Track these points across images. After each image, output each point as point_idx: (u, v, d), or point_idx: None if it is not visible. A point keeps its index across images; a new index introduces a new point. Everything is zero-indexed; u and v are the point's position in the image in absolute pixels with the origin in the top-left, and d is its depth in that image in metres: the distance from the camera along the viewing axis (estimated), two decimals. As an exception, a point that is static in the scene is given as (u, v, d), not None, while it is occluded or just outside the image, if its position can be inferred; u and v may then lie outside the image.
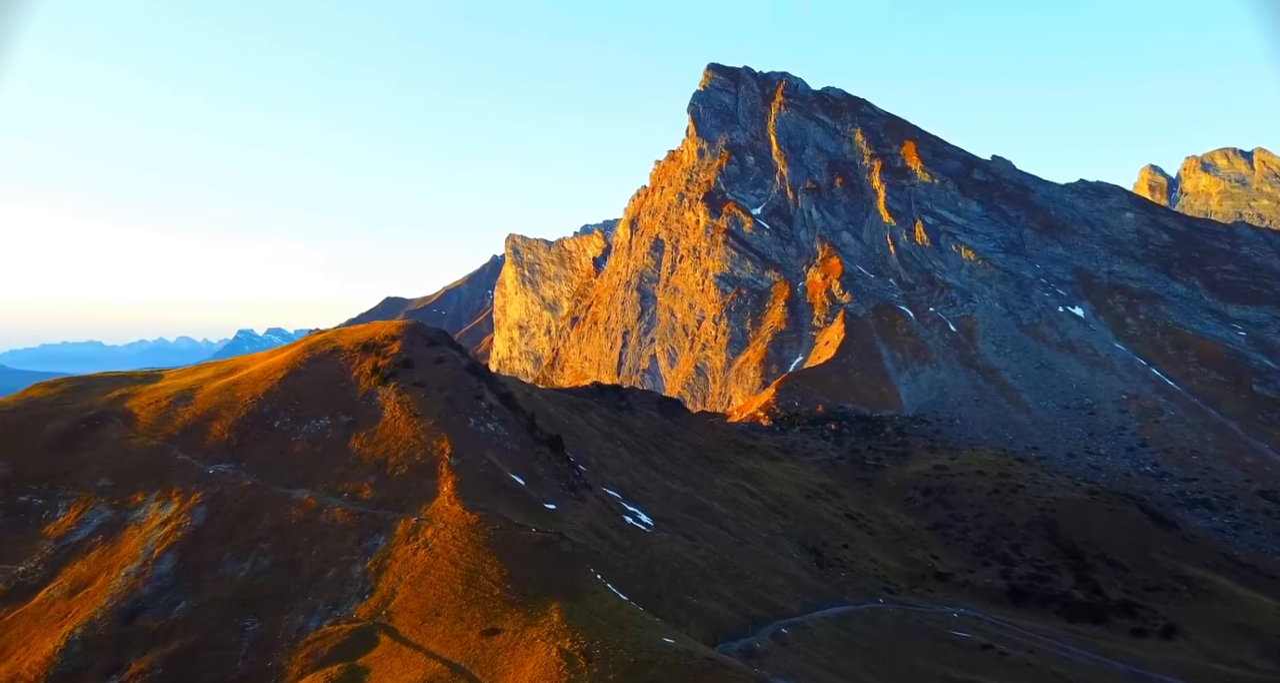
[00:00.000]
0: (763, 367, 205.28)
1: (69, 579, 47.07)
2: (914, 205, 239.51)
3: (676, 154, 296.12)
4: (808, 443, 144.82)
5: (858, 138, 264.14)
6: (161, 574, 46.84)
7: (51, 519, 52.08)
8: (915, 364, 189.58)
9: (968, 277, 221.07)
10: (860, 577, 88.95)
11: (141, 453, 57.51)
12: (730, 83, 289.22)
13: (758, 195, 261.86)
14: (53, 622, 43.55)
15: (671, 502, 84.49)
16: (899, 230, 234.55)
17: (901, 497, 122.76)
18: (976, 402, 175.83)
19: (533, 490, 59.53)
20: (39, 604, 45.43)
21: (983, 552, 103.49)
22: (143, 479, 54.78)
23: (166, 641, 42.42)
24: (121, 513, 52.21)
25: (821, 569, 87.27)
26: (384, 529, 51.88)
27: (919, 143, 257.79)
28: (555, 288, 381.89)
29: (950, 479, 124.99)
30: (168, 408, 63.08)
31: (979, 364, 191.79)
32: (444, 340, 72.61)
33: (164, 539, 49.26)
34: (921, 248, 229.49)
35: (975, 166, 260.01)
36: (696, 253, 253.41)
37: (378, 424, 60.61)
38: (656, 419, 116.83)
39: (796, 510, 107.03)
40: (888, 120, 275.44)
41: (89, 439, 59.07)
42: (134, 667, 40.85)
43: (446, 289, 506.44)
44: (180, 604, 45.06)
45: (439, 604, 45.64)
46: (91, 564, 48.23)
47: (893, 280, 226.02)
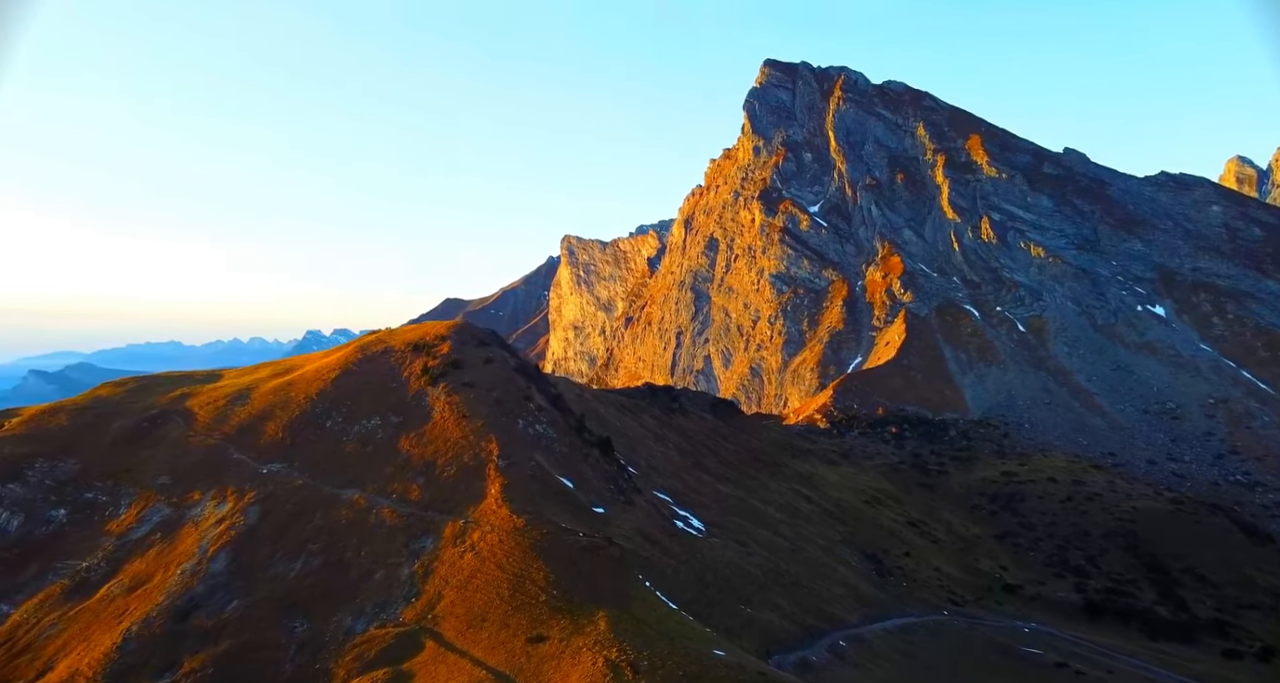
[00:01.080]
0: (820, 368, 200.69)
1: (129, 576, 48.03)
2: (980, 201, 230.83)
3: (732, 152, 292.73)
4: (867, 447, 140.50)
5: (920, 132, 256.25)
6: (215, 573, 47.35)
7: (114, 516, 53.42)
8: (981, 366, 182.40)
9: (1038, 275, 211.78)
10: (923, 587, 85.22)
11: (199, 452, 58.65)
12: (787, 79, 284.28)
13: (815, 193, 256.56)
14: (111, 619, 44.37)
15: (724, 506, 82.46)
16: (964, 227, 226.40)
17: (967, 504, 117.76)
18: (1048, 405, 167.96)
19: (581, 494, 58.48)
20: (100, 601, 46.44)
21: (1055, 563, 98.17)
22: (200, 478, 55.77)
23: (218, 640, 42.71)
24: (180, 511, 53.19)
25: (881, 579, 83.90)
26: (432, 531, 51.51)
27: (985, 136, 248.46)
28: (610, 288, 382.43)
29: (1020, 486, 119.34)
30: (225, 407, 64.33)
31: (1050, 366, 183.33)
32: (493, 341, 72.27)
33: (218, 538, 49.87)
34: (988, 245, 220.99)
35: (1046, 160, 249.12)
36: (752, 252, 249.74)
37: (427, 425, 60.45)
38: (709, 421, 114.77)
39: (855, 517, 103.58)
40: (952, 113, 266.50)
41: (151, 438, 60.60)
42: (186, 665, 41.21)
43: (504, 290, 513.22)
44: (232, 603, 45.40)
45: (485, 610, 44.89)
46: (150, 562, 49.13)
47: (957, 279, 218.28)
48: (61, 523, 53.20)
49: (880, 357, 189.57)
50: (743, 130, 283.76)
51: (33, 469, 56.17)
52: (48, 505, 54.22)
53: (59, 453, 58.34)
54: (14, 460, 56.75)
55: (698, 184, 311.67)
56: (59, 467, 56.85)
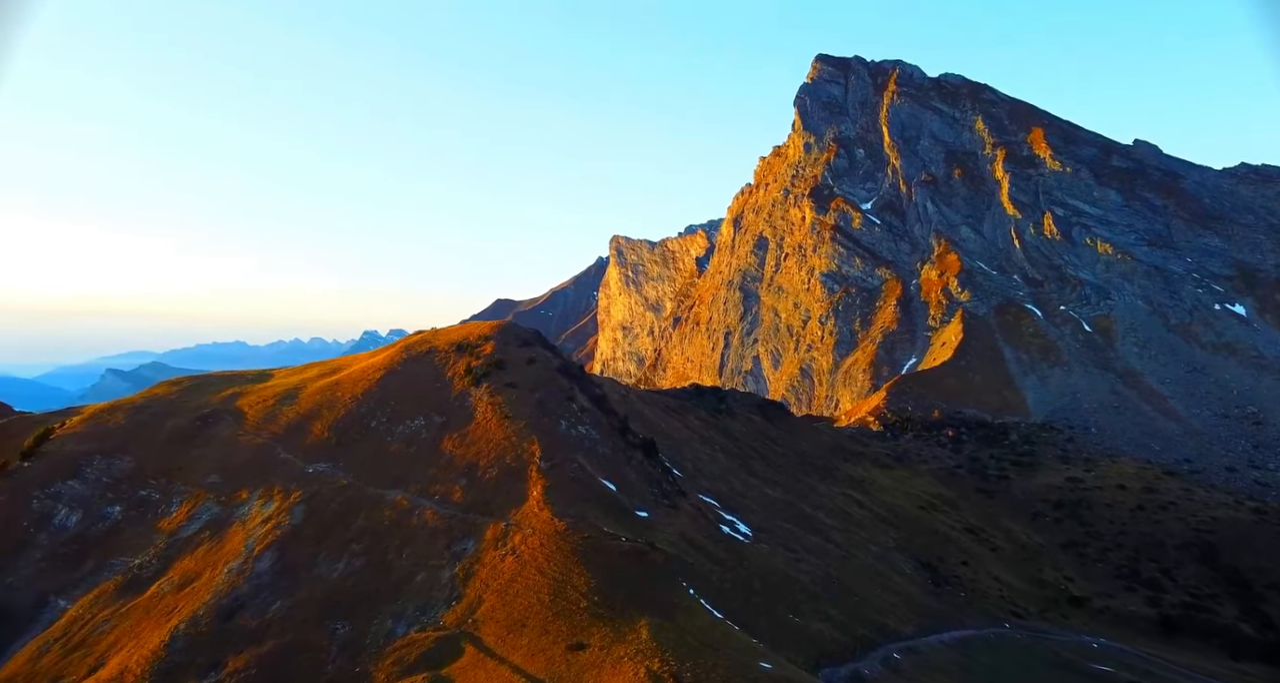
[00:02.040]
0: (872, 369, 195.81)
1: (178, 574, 48.71)
2: (1042, 196, 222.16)
3: (782, 149, 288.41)
4: (922, 450, 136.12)
5: (979, 126, 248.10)
6: (260, 572, 47.63)
7: (166, 514, 54.40)
8: (1044, 367, 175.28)
9: (1105, 272, 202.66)
10: (982, 597, 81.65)
11: (248, 451, 59.41)
12: (839, 73, 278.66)
13: (868, 190, 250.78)
14: (160, 617, 44.96)
15: (772, 511, 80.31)
16: (1025, 223, 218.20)
17: (1028, 511, 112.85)
18: (1116, 408, 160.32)
19: (624, 497, 57.30)
20: (150, 598, 47.17)
21: (1126, 575, 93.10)
22: (248, 477, 56.44)
23: (261, 640, 42.83)
24: (228, 510, 53.86)
25: (938, 588, 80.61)
26: (473, 534, 50.99)
27: (1048, 129, 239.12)
28: (658, 288, 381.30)
29: (1086, 493, 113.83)
30: (274, 407, 65.15)
31: (1118, 367, 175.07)
32: (536, 341, 71.68)
33: (264, 537, 50.24)
34: (1051, 241, 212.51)
35: (1114, 153, 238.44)
36: (802, 250, 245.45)
37: (470, 425, 60.09)
38: (757, 423, 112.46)
39: (909, 523, 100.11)
40: (1012, 106, 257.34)
41: (202, 436, 61.69)
42: (231, 665, 41.39)
43: (554, 291, 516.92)
44: (276, 604, 45.54)
45: (525, 615, 44.10)
46: (199, 560, 49.77)
47: (1017, 277, 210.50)
48: (117, 520, 54.46)
49: (936, 357, 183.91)
50: (793, 127, 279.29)
51: (91, 466, 57.75)
52: (104, 502, 55.61)
53: (116, 451, 59.87)
54: (73, 458, 58.45)
55: (747, 182, 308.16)
56: (115, 464, 58.32)
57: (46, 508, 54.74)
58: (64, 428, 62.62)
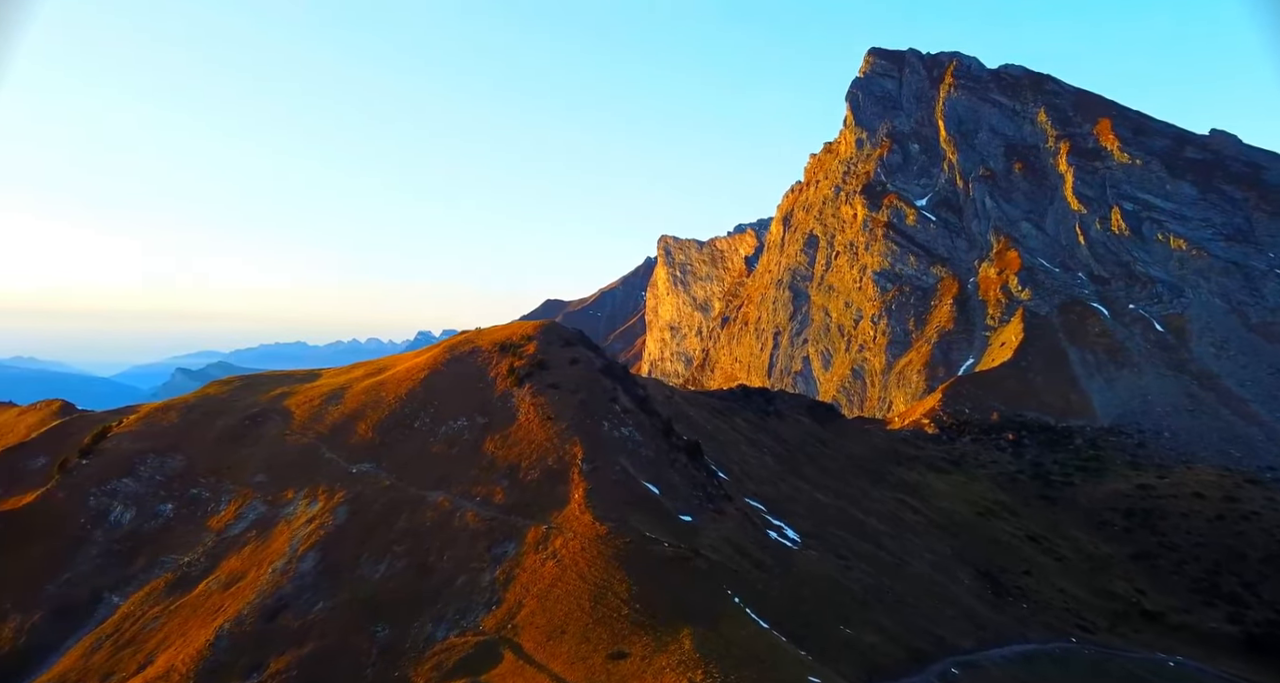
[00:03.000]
0: (927, 370, 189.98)
1: (225, 573, 49.24)
2: (1109, 190, 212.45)
3: (833, 145, 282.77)
4: (980, 454, 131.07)
5: (1041, 118, 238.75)
6: (304, 573, 47.77)
7: (215, 512, 55.21)
8: (1111, 368, 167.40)
9: (1178, 269, 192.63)
10: (1046, 610, 77.63)
11: (295, 450, 59.99)
12: (893, 67, 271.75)
13: (923, 186, 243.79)
14: (207, 615, 45.41)
15: (822, 516, 77.87)
16: (1090, 218, 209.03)
17: (1095, 519, 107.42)
18: (1191, 412, 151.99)
19: (667, 500, 55.95)
20: (198, 596, 47.76)
21: (1204, 589, 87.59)
22: (294, 476, 56.92)
23: (303, 642, 42.83)
24: (274, 509, 54.35)
25: (998, 599, 76.95)
26: (514, 537, 50.33)
27: (1116, 120, 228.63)
28: (707, 288, 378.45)
29: (1158, 502, 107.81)
30: (320, 407, 65.76)
31: (1193, 369, 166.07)
32: (579, 341, 70.85)
33: (308, 537, 50.44)
34: (1119, 237, 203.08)
35: (1188, 144, 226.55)
36: (854, 248, 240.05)
37: (512, 426, 59.54)
38: (807, 425, 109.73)
39: (967, 530, 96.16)
40: (1077, 97, 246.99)
41: (251, 436, 62.58)
42: (273, 666, 41.46)
43: (602, 291, 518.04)
44: (319, 605, 45.56)
45: (565, 621, 43.15)
46: (245, 559, 50.24)
47: (1082, 275, 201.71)
48: (168, 518, 55.51)
49: (995, 358, 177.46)
50: (845, 123, 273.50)
51: (144, 465, 59.09)
52: (157, 500, 56.77)
53: (168, 449, 61.18)
54: (128, 456, 59.91)
55: (797, 180, 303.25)
56: (168, 462, 59.57)
57: (103, 505, 56.17)
58: (120, 427, 64.33)
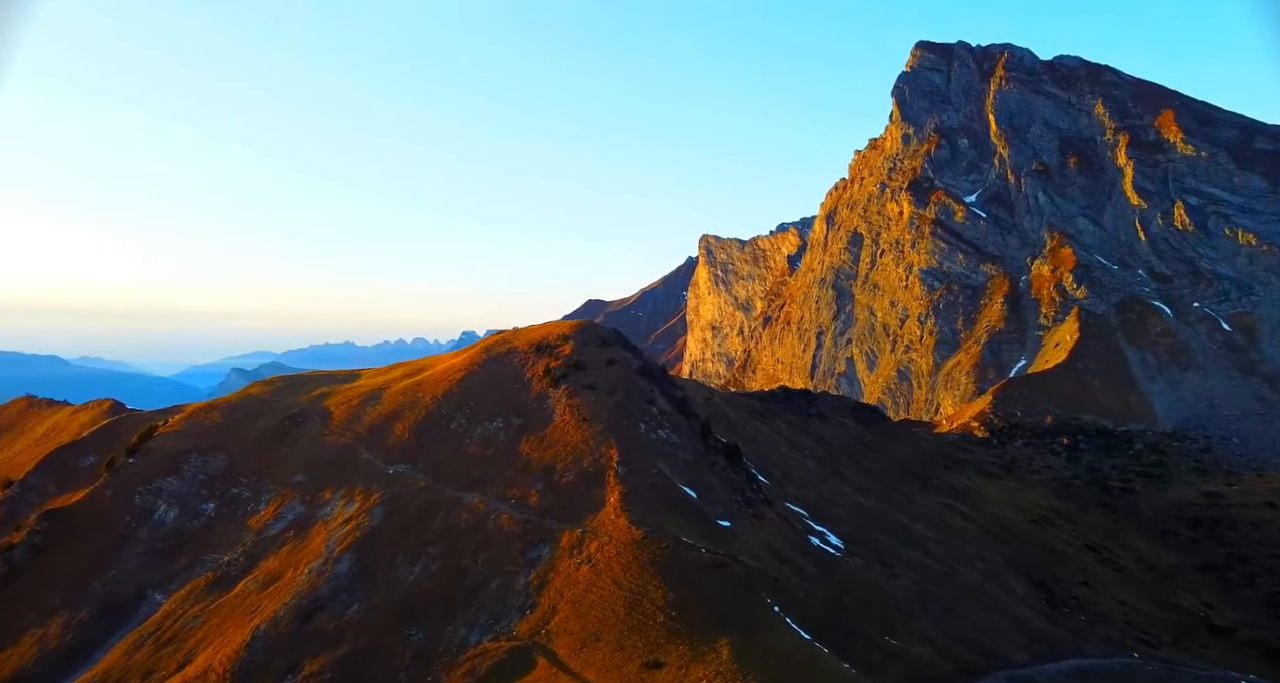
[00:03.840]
0: (977, 371, 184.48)
1: (263, 572, 49.53)
2: (1172, 184, 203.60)
3: (878, 142, 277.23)
4: (1033, 459, 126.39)
5: (1098, 110, 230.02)
6: (339, 574, 47.74)
7: (255, 512, 55.72)
8: (1174, 370, 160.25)
9: (1247, 266, 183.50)
10: (1105, 622, 73.98)
11: (333, 450, 60.29)
12: (941, 60, 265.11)
13: (972, 182, 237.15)
14: (244, 616, 45.64)
15: (866, 521, 75.51)
16: (1151, 214, 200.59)
17: (1158, 528, 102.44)
18: (1262, 416, 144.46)
19: (705, 504, 54.62)
20: (237, 596, 48.09)
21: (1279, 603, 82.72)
22: (332, 476, 57.15)
23: (337, 644, 42.68)
24: (312, 509, 54.60)
25: (1054, 610, 73.58)
26: (549, 540, 49.59)
27: (1179, 111, 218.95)
28: (748, 288, 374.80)
29: (1227, 510, 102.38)
30: (359, 407, 66.08)
31: (1264, 370, 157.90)
32: (616, 341, 69.91)
33: (344, 538, 50.45)
34: (1182, 233, 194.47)
35: (1258, 134, 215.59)
36: (899, 247, 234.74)
37: (548, 427, 58.87)
38: (850, 427, 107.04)
39: (1020, 537, 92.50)
40: (1138, 88, 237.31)
41: (291, 436, 63.13)
42: (307, 668, 41.38)
43: (643, 291, 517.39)
44: (354, 607, 45.42)
45: (599, 627, 42.21)
46: (282, 559, 50.48)
47: (1142, 272, 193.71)
48: (210, 516, 56.24)
49: (1049, 359, 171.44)
50: (891, 118, 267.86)
51: (188, 463, 60.03)
52: (199, 499, 57.59)
53: (211, 448, 62.09)
54: (173, 455, 60.95)
55: (841, 178, 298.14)
56: (210, 461, 60.44)
57: (147, 503, 57.18)
58: (166, 426, 65.62)
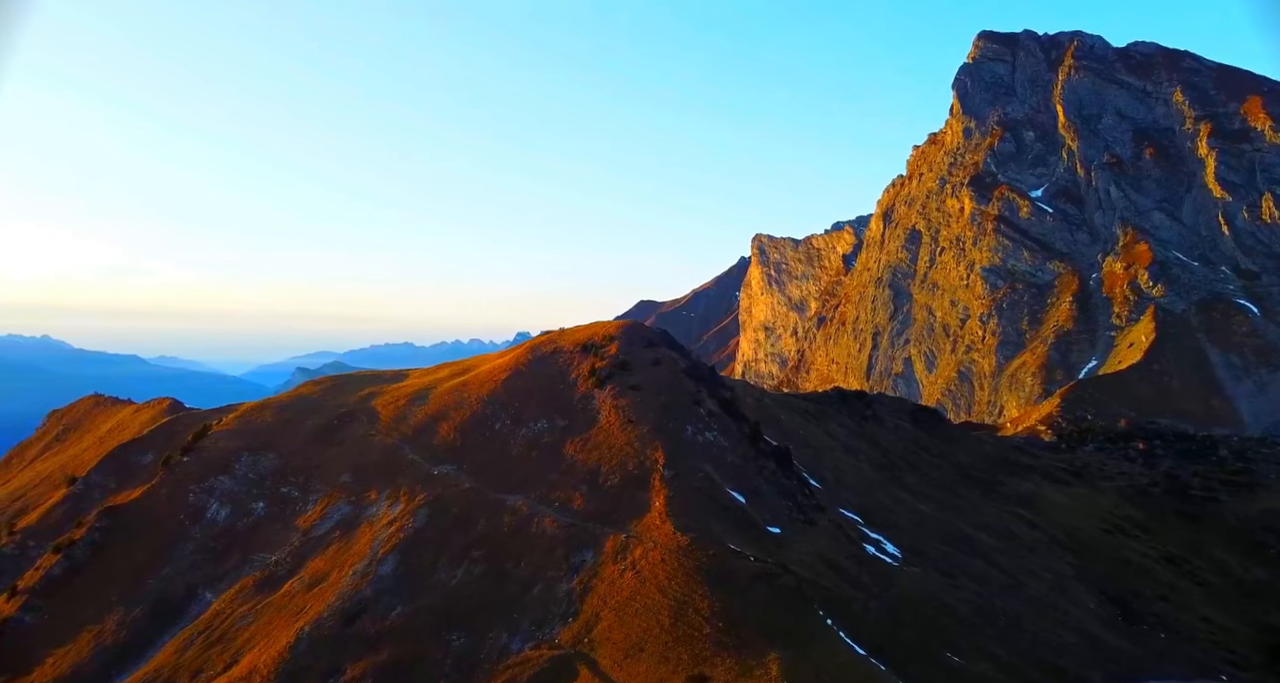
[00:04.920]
0: (1043, 372, 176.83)
1: (310, 573, 49.64)
2: (1260, 174, 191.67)
3: (938, 136, 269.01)
4: (1106, 465, 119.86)
5: (1176, 98, 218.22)
6: (383, 576, 47.45)
7: (303, 511, 56.08)
8: (1263, 372, 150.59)
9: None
10: (1188, 641, 69.00)
11: (379, 451, 60.35)
12: (1005, 51, 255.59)
13: (1038, 176, 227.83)
14: (290, 616, 45.70)
15: (925, 530, 72.24)
16: (1236, 207, 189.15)
17: (1246, 540, 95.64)
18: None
19: (754, 510, 52.70)
20: (283, 596, 48.27)
21: (1382, 626, 76.05)
22: (378, 477, 57.14)
23: (379, 648, 42.30)
24: (358, 510, 54.64)
25: (1130, 627, 68.98)
26: (592, 545, 48.41)
27: (1267, 97, 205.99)
28: (802, 287, 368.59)
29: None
30: (405, 407, 66.17)
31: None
32: (662, 341, 68.44)
33: (389, 540, 50.22)
34: (1271, 227, 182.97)
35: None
36: (960, 244, 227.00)
37: (593, 429, 57.79)
38: (908, 431, 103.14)
39: (1092, 548, 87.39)
40: (1220, 74, 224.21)
41: (339, 436, 63.52)
42: (350, 672, 41.05)
43: (695, 291, 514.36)
44: (396, 610, 45.03)
45: (643, 638, 40.78)
46: (329, 559, 50.54)
47: (1226, 269, 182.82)
48: (260, 516, 56.85)
49: (1122, 360, 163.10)
50: (951, 111, 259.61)
51: (239, 463, 60.94)
52: (250, 498, 58.32)
53: (262, 448, 62.92)
54: (225, 454, 61.97)
55: (899, 174, 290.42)
56: (261, 461, 61.23)
57: (201, 502, 58.18)
58: (220, 425, 66.91)
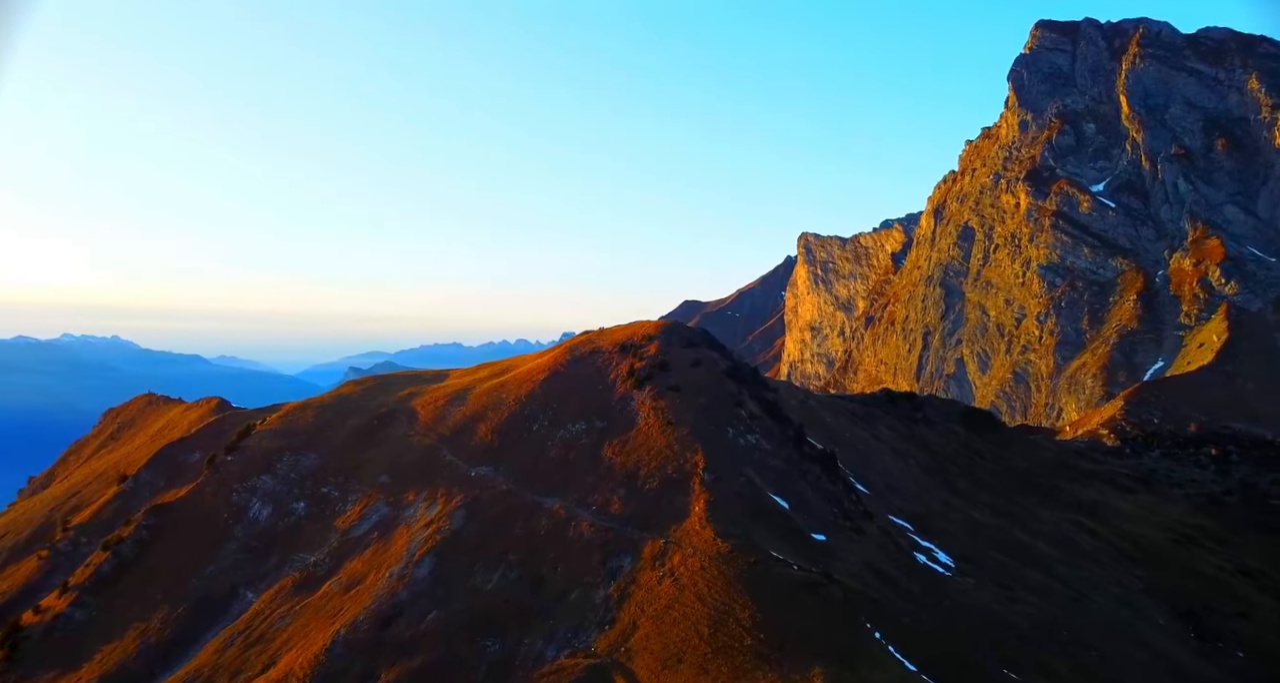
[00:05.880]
0: (1105, 374, 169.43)
1: (347, 575, 49.53)
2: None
3: (992, 130, 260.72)
4: (1175, 472, 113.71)
5: (1252, 86, 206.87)
6: (419, 579, 47.01)
7: (342, 512, 56.11)
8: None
9: None
10: (1271, 662, 64.57)
11: (417, 451, 60.13)
12: (1065, 40, 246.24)
13: (1099, 169, 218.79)
14: (327, 619, 45.55)
15: (979, 538, 69.12)
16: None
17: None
18: None
19: (797, 516, 50.79)
20: (321, 597, 48.21)
21: None
22: (415, 478, 56.88)
23: (413, 653, 41.77)
24: (396, 511, 54.42)
25: (1204, 645, 64.78)
26: (630, 550, 47.20)
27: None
28: (850, 287, 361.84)
29: None
30: (444, 407, 65.91)
31: None
32: (702, 341, 66.82)
33: (425, 542, 49.81)
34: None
35: None
36: (1015, 240, 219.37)
37: (631, 431, 56.55)
38: (960, 434, 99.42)
39: (1161, 560, 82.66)
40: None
41: (378, 436, 63.53)
42: (384, 677, 40.61)
43: (740, 291, 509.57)
44: (431, 614, 44.46)
45: (682, 648, 39.36)
46: (366, 561, 50.36)
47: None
48: (300, 516, 57.11)
49: (1192, 360, 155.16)
50: (1006, 104, 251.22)
51: (281, 462, 61.40)
52: (291, 498, 58.66)
53: (303, 448, 63.34)
54: (268, 454, 62.54)
55: (950, 170, 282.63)
56: (302, 461, 61.60)
57: (243, 501, 58.78)
58: (263, 425, 67.68)
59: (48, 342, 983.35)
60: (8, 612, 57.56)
